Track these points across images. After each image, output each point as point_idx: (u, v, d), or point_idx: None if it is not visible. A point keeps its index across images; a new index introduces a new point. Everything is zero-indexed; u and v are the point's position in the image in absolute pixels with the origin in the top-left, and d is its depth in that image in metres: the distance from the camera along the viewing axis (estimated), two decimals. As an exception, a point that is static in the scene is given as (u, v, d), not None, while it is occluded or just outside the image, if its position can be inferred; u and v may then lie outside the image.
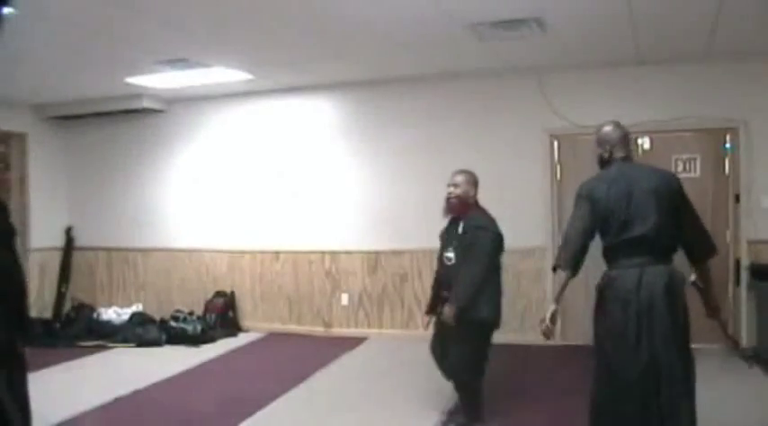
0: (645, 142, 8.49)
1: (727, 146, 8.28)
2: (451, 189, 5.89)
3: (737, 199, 8.19)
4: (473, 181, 6.02)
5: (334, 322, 9.63)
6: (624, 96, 8.40)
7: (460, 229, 5.73)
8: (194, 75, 8.35)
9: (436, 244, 9.18)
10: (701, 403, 4.22)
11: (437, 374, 6.57)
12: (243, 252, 10.06)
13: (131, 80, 8.52)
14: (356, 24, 6.42)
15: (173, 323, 9.37)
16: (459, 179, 5.94)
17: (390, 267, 9.38)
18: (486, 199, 8.93)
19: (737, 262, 8.13)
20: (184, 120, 10.32)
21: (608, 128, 4.67)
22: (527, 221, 8.48)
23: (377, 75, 8.85)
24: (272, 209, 9.88)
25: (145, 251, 10.60)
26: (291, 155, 9.78)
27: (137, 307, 10.09)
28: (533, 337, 8.42)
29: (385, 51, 7.61)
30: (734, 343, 5.52)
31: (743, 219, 8.10)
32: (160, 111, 10.19)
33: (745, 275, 8.08)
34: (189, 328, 9.22)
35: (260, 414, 6.21)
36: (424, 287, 9.12)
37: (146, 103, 9.76)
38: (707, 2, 5.86)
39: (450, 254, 5.76)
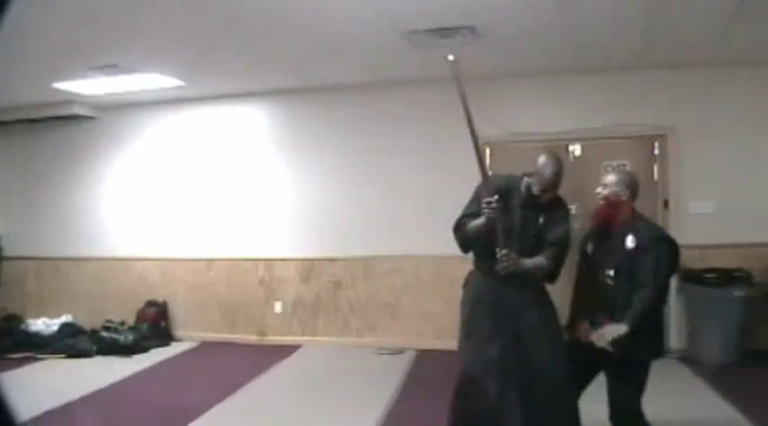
0: (576, 149, 8.61)
1: (656, 152, 8.45)
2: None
3: (666, 204, 8.36)
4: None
5: (268, 330, 9.59)
6: (556, 104, 8.57)
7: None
8: (125, 81, 8.25)
9: (369, 251, 9.24)
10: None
11: (371, 381, 6.59)
12: (175, 261, 9.97)
13: (60, 86, 8.38)
14: (289, 31, 6.41)
15: (104, 334, 9.25)
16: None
17: (324, 274, 9.38)
18: (418, 208, 9.02)
19: (667, 267, 8.27)
20: (116, 128, 10.19)
21: None
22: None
23: (311, 82, 8.85)
24: (204, 217, 9.81)
25: (76, 260, 10.41)
26: (224, 162, 9.73)
27: (66, 318, 9.90)
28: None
29: (319, 59, 7.63)
30: None
31: (672, 224, 8.24)
32: (91, 118, 10.03)
33: (674, 279, 8.23)
34: (120, 338, 9.10)
35: (193, 425, 6.15)
36: (357, 293, 9.17)
37: (76, 110, 9.63)
38: (636, 12, 6.00)
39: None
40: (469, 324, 4.76)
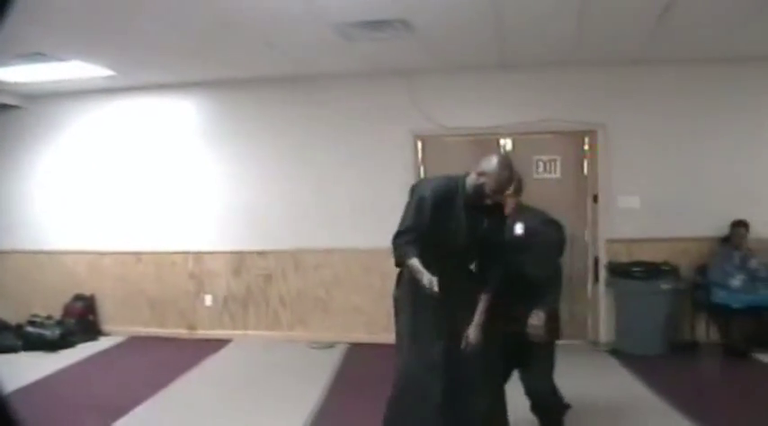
0: (507, 143, 8.67)
1: (586, 147, 8.55)
2: None
3: (596, 199, 8.49)
4: None
5: (198, 324, 9.50)
6: (489, 99, 8.62)
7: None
8: (52, 70, 7.99)
9: (299, 244, 9.18)
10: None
11: (302, 376, 6.51)
12: (104, 254, 9.80)
13: (-20, 73, 8.13)
14: (219, 21, 6.29)
15: (29, 329, 9.03)
16: None
17: (254, 268, 9.32)
18: (348, 201, 8.99)
19: (596, 260, 8.44)
20: (44, 118, 9.91)
21: None
22: (393, 221, 8.54)
23: (244, 74, 8.74)
24: (133, 210, 9.66)
25: (1, 253, 10.12)
26: (154, 154, 9.57)
27: (-10, 313, 9.69)
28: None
29: (252, 50, 7.51)
30: None
31: (601, 219, 8.40)
32: (17, 108, 9.76)
33: (603, 273, 8.37)
34: (47, 333, 8.91)
35: (120, 422, 6.08)
36: (288, 287, 9.13)
37: (1, 99, 9.34)
38: (567, 11, 6.04)
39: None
40: (410, 323, 4.70)
